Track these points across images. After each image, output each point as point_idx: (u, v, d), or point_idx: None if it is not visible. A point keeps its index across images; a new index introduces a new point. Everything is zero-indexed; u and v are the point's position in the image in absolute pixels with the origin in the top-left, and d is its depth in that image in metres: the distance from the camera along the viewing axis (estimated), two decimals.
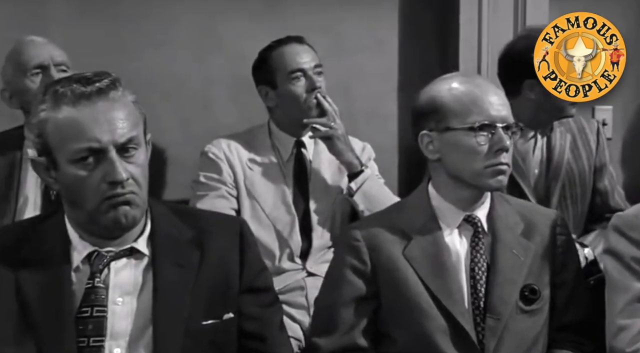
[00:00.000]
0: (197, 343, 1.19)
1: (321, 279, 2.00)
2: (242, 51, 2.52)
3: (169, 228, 1.25)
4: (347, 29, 2.63)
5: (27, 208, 1.94)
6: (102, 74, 1.20)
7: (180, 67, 2.54)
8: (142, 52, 2.42)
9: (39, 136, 1.18)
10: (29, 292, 1.16)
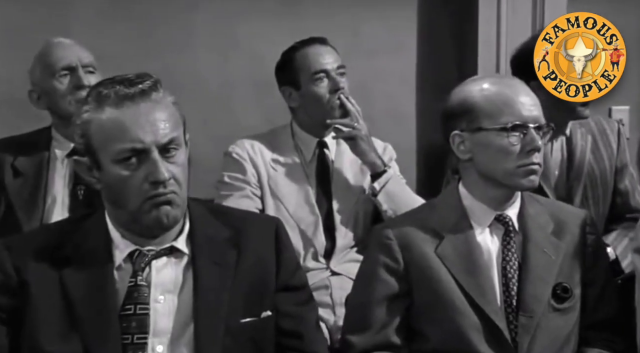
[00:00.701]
0: (236, 341, 1.21)
1: (345, 278, 2.07)
2: (262, 52, 2.55)
3: (206, 227, 1.27)
4: (366, 30, 2.65)
5: (56, 208, 1.96)
6: (144, 75, 1.22)
7: (202, 69, 2.57)
8: (163, 53, 2.45)
9: (83, 137, 1.20)
10: (73, 290, 1.18)
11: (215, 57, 2.51)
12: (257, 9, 2.54)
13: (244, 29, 2.52)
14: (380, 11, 2.66)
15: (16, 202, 1.94)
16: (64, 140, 2.02)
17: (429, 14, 2.73)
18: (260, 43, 2.54)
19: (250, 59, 2.53)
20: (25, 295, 1.18)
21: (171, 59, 2.45)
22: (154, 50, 2.44)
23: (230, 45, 2.52)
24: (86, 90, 1.93)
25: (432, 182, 2.56)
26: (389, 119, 2.60)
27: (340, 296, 2.03)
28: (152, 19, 2.45)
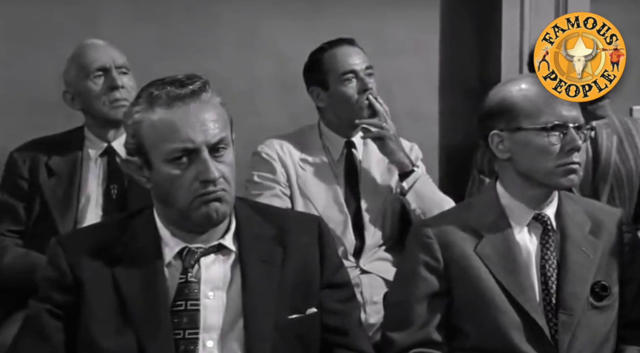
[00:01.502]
0: (284, 337, 1.23)
1: (374, 276, 2.09)
2: (286, 53, 2.58)
3: (252, 226, 1.29)
4: (389, 30, 2.67)
5: (90, 207, 1.99)
6: (194, 76, 1.25)
7: (227, 69, 2.59)
8: (190, 54, 2.48)
9: (134, 137, 1.22)
10: (125, 287, 1.20)
11: (240, 58, 2.53)
12: (282, 10, 2.57)
13: (269, 30, 2.55)
14: (403, 12, 2.69)
15: (51, 202, 1.97)
16: (96, 140, 2.05)
17: (451, 15, 2.75)
18: (285, 44, 2.57)
19: (275, 60, 2.56)
20: (80, 292, 1.21)
21: (197, 59, 2.48)
22: (180, 51, 2.46)
23: (256, 46, 2.54)
24: (120, 90, 2.00)
25: (455, 181, 2.58)
26: (412, 119, 2.62)
27: (370, 294, 2.05)
28: (178, 21, 2.48)
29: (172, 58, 2.42)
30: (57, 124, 2.20)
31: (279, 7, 2.56)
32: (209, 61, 2.48)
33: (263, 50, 2.54)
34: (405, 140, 2.22)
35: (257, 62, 2.53)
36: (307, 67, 2.18)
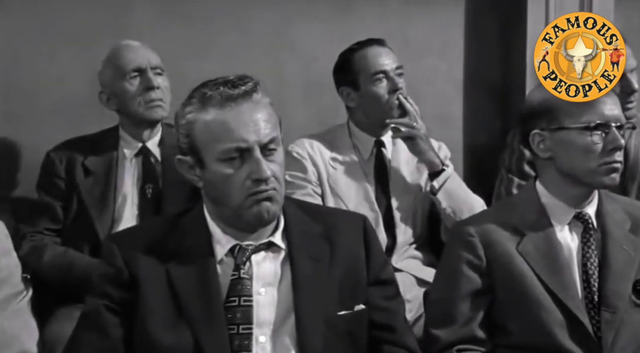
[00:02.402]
0: (334, 333, 1.25)
1: (406, 274, 2.10)
2: (313, 53, 2.61)
3: (300, 223, 1.31)
4: (414, 31, 2.69)
5: (126, 206, 2.02)
6: (245, 77, 1.27)
7: (256, 70, 2.56)
8: (219, 55, 2.51)
9: (187, 136, 1.25)
10: (179, 283, 1.23)
11: (269, 58, 2.55)
12: (309, 12, 2.59)
13: (297, 31, 2.58)
14: (428, 12, 2.70)
15: (88, 201, 2.00)
16: (131, 140, 2.07)
17: (476, 15, 2.76)
18: (312, 45, 2.59)
19: (302, 61, 2.58)
20: (136, 288, 1.23)
21: (226, 60, 2.50)
22: (209, 52, 2.49)
23: (284, 47, 2.57)
24: (155, 91, 2.03)
25: (479, 181, 2.59)
26: (436, 119, 2.62)
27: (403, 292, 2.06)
28: (208, 21, 2.51)
29: (200, 58, 2.45)
30: (88, 124, 2.24)
31: (306, 8, 2.59)
32: (237, 61, 2.51)
33: (290, 51, 2.56)
34: (432, 139, 2.23)
35: (284, 62, 2.56)
36: (338, 68, 2.21)
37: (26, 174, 2.35)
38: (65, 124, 2.31)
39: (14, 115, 2.34)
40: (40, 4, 2.37)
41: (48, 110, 2.36)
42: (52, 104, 2.37)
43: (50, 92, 2.36)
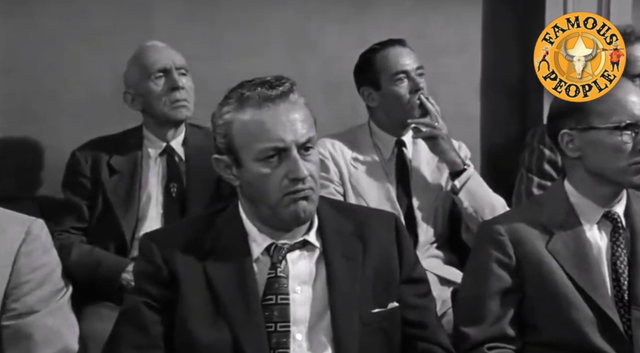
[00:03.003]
0: (369, 330, 1.27)
1: (429, 273, 2.09)
2: (333, 54, 2.63)
3: (333, 222, 1.33)
4: (432, 31, 2.70)
5: (151, 205, 2.04)
6: (282, 78, 1.29)
7: (275, 70, 2.59)
8: (239, 55, 2.53)
9: (225, 136, 1.27)
10: (217, 281, 1.25)
11: (288, 58, 2.57)
12: (328, 11, 2.61)
13: (316, 31, 2.60)
14: (445, 12, 2.72)
15: (113, 199, 2.02)
16: (156, 140, 2.10)
17: (494, 15, 2.77)
18: (330, 44, 2.61)
19: (321, 61, 2.60)
20: (175, 285, 1.25)
21: (246, 60, 2.52)
22: (229, 52, 2.52)
23: (303, 47, 2.59)
24: (180, 91, 2.05)
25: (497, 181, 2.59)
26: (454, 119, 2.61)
27: None
28: (228, 22, 2.53)
29: (221, 58, 2.48)
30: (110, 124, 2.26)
31: (325, 8, 2.61)
32: (257, 61, 2.53)
33: (309, 51, 2.58)
34: (452, 139, 2.25)
35: (303, 62, 2.57)
36: (359, 68, 2.22)
37: (50, 174, 2.38)
38: (88, 124, 2.33)
39: (38, 115, 2.37)
40: (65, 6, 2.39)
41: (71, 110, 2.39)
42: (75, 104, 2.39)
43: (73, 93, 2.39)
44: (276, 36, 2.56)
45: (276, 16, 2.56)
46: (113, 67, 2.35)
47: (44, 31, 2.37)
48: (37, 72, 2.38)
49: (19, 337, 1.19)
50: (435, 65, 2.71)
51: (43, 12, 2.38)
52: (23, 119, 2.36)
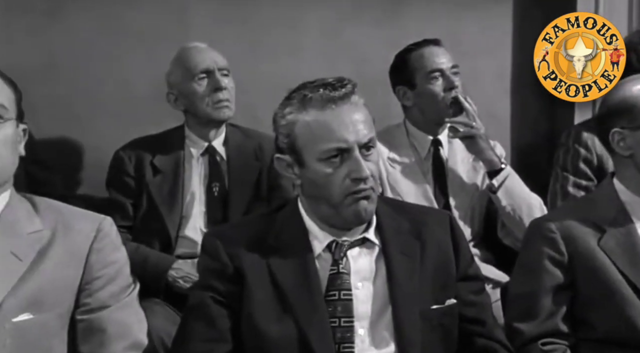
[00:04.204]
0: (428, 326, 1.29)
1: None
2: (366, 54, 2.66)
3: (390, 220, 1.36)
4: (463, 32, 2.73)
5: (194, 203, 2.07)
6: (344, 79, 1.32)
7: (309, 71, 2.63)
8: (273, 56, 2.57)
9: (287, 136, 1.30)
10: (281, 277, 1.28)
11: (322, 59, 2.61)
12: (363, 14, 2.65)
13: (349, 33, 2.63)
14: (476, 12, 2.74)
15: (157, 198, 2.06)
16: (198, 140, 2.13)
17: (524, 16, 2.79)
18: (364, 46, 2.64)
19: (354, 62, 2.62)
20: (241, 281, 1.28)
21: (280, 61, 2.57)
22: (264, 53, 2.56)
23: (337, 48, 2.62)
24: (222, 92, 2.08)
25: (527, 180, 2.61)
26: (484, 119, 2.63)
27: None
28: (263, 24, 2.57)
29: (255, 58, 2.52)
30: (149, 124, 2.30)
31: (359, 10, 2.64)
32: (291, 62, 2.57)
33: (343, 52, 2.61)
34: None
35: (338, 64, 2.60)
36: (394, 67, 2.24)
37: (90, 173, 2.43)
38: (126, 124, 2.38)
39: (79, 116, 2.41)
40: (102, 9, 2.44)
41: (110, 111, 2.43)
42: (113, 105, 2.44)
43: (112, 94, 2.44)
44: (310, 37, 2.60)
45: (310, 17, 2.60)
46: (150, 68, 2.39)
47: (82, 35, 2.42)
48: (77, 75, 2.42)
49: (93, 331, 1.22)
50: (466, 65, 2.72)
51: (81, 16, 2.43)
52: (65, 120, 2.41)
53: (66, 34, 2.40)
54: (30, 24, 2.38)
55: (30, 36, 2.36)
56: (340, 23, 2.61)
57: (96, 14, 2.43)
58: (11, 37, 2.33)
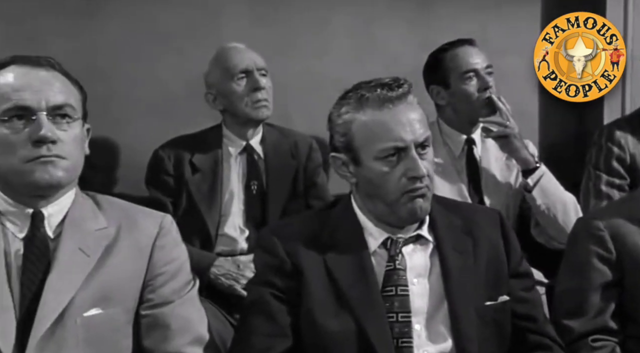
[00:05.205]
0: (483, 322, 1.31)
1: None
2: (395, 54, 2.68)
3: (442, 217, 1.38)
4: (492, 31, 2.74)
5: (233, 202, 2.10)
6: (399, 79, 1.34)
7: (339, 70, 2.69)
8: (305, 56, 2.60)
9: (344, 135, 1.32)
10: (338, 273, 1.30)
11: (352, 59, 2.63)
12: (391, 13, 2.67)
13: (379, 32, 2.65)
14: (505, 13, 2.75)
15: (197, 197, 2.08)
16: (236, 139, 2.16)
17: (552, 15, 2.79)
18: (393, 46, 2.66)
19: (384, 61, 2.64)
20: (299, 277, 1.30)
21: (312, 61, 2.60)
22: (296, 53, 2.58)
23: (366, 48, 2.64)
24: (261, 91, 2.10)
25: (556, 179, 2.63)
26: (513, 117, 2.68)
27: None
28: (294, 24, 2.59)
29: (287, 58, 2.54)
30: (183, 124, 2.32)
31: (388, 10, 2.66)
32: (322, 62, 2.60)
33: (374, 53, 2.63)
34: None
35: (368, 64, 2.62)
36: (428, 66, 2.26)
37: (125, 172, 2.46)
38: (161, 124, 2.41)
39: (115, 116, 2.44)
40: (136, 10, 2.47)
41: (145, 111, 2.46)
42: (148, 105, 2.47)
43: (147, 94, 2.47)
44: (341, 37, 2.62)
45: (341, 18, 2.62)
46: (184, 68, 2.43)
47: (118, 36, 2.45)
48: (112, 76, 2.45)
49: (157, 326, 1.25)
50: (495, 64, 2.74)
51: (116, 18, 2.45)
52: (101, 120, 2.36)
53: (103, 35, 2.43)
54: (67, 26, 2.42)
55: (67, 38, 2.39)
56: (370, 24, 2.63)
57: (131, 15, 2.46)
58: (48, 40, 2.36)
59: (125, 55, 2.44)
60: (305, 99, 2.62)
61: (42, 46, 2.37)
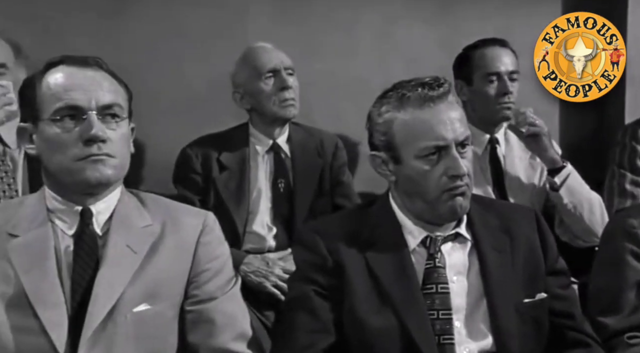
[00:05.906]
0: (522, 319, 1.32)
1: None
2: (417, 54, 2.69)
3: (479, 216, 1.39)
4: (512, 30, 2.73)
5: (261, 199, 2.12)
6: (439, 79, 1.35)
7: (362, 70, 2.71)
8: (328, 56, 2.62)
9: (385, 134, 1.33)
10: (379, 270, 1.31)
11: (374, 59, 2.65)
12: (414, 14, 2.69)
13: (402, 33, 2.67)
14: (526, 11, 2.76)
15: (225, 195, 2.10)
16: (263, 137, 2.17)
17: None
18: (416, 46, 2.68)
19: (406, 61, 2.66)
20: (341, 274, 1.32)
21: (335, 61, 2.62)
22: (319, 53, 2.61)
23: (389, 48, 2.66)
24: (289, 91, 2.12)
25: None
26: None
27: None
28: (318, 24, 2.62)
29: (311, 58, 2.56)
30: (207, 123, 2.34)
31: (410, 10, 2.68)
32: (347, 63, 2.63)
33: (397, 53, 2.65)
34: None
35: (390, 63, 2.64)
36: (458, 60, 2.28)
37: (150, 171, 2.48)
38: (186, 123, 2.43)
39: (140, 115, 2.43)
40: (161, 10, 2.49)
41: (170, 110, 2.48)
42: (173, 104, 2.49)
43: (172, 93, 2.48)
44: (363, 37, 2.65)
45: (363, 19, 2.64)
46: (209, 68, 2.45)
47: (142, 35, 2.47)
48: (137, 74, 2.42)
49: (201, 321, 1.27)
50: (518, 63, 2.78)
51: (140, 17, 2.48)
52: None
53: (128, 35, 2.45)
54: (93, 25, 2.44)
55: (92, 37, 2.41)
56: (392, 24, 2.65)
57: (157, 15, 2.48)
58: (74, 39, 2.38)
59: (150, 54, 2.46)
60: (329, 98, 2.64)
61: (67, 45, 2.40)
